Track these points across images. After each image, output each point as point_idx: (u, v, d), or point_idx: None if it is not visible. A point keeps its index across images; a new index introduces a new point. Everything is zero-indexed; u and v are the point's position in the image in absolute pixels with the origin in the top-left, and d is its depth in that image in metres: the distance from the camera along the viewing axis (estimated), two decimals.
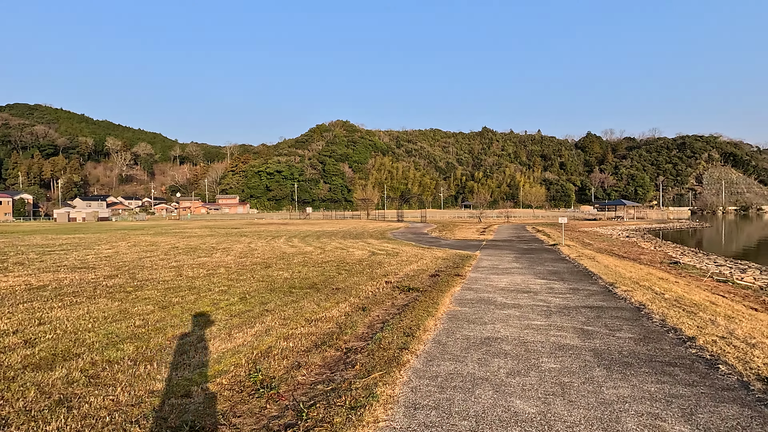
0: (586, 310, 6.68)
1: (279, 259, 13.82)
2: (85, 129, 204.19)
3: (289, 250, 17.43)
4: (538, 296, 7.85)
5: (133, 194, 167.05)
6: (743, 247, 32.41)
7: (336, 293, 8.06)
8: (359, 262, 12.94)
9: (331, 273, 10.67)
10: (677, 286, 9.02)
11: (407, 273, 10.65)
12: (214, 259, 14.18)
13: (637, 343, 5.00)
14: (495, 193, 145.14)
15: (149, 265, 12.35)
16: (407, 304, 7.07)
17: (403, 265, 12.39)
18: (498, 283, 9.29)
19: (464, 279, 9.67)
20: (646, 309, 6.66)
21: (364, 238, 24.56)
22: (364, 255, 15.26)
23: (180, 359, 4.50)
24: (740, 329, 5.46)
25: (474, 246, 19.27)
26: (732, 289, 10.57)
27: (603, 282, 9.26)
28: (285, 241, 22.44)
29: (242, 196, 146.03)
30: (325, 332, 5.46)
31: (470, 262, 13.03)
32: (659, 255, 19.64)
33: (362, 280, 9.52)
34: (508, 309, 6.80)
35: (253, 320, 6.02)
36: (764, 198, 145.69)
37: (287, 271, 11.07)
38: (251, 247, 18.84)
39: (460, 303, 7.20)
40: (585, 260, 13.05)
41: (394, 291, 8.25)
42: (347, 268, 11.55)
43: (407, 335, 5.17)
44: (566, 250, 16.17)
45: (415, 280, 9.62)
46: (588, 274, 10.43)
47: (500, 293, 8.10)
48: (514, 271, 11.16)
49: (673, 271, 13.70)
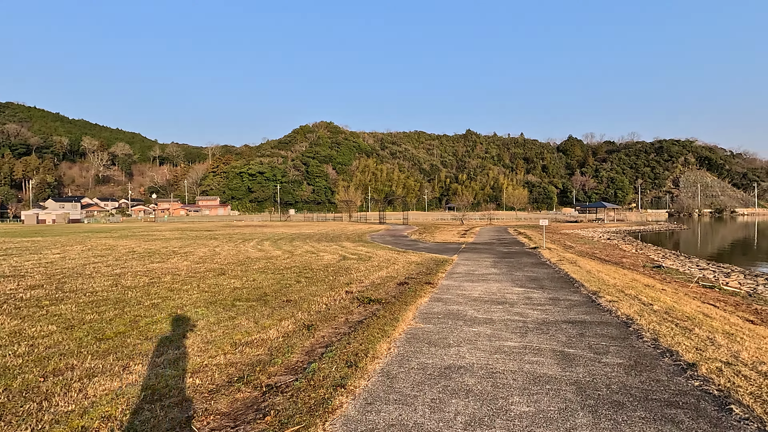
0: (567, 327, 5.80)
1: (239, 265, 12.66)
2: (60, 128, 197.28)
3: (255, 254, 16.25)
4: (515, 308, 6.95)
5: (110, 195, 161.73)
6: (721, 248, 32.62)
7: (284, 306, 7.00)
8: (325, 268, 11.89)
9: (289, 281, 9.60)
10: (665, 295, 8.27)
11: (374, 281, 9.66)
12: (168, 264, 12.93)
13: (628, 373, 4.11)
14: (479, 195, 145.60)
15: (89, 273, 11.05)
16: (363, 321, 6.07)
17: (372, 271, 11.39)
18: (471, 292, 8.37)
19: (435, 288, 8.73)
20: (634, 324, 5.82)
21: (340, 241, 23.49)
22: (333, 260, 14.22)
23: (37, 407, 3.40)
24: (745, 351, 4.64)
25: (453, 249, 18.42)
26: (720, 296, 9.94)
27: (585, 290, 8.45)
28: (255, 244, 21.20)
29: (223, 198, 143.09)
30: (250, 361, 4.41)
31: (445, 267, 12.12)
32: (641, 258, 19.14)
33: (321, 290, 8.48)
34: (478, 326, 5.87)
35: (166, 345, 4.93)
36: (737, 201, 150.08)
37: (241, 279, 9.95)
38: (215, 251, 17.58)
39: (424, 318, 6.24)
40: (566, 265, 12.29)
41: (353, 303, 7.25)
42: (309, 275, 10.49)
43: (350, 365, 4.17)
44: (547, 254, 15.43)
45: (381, 289, 8.63)
46: (569, 281, 9.62)
47: (472, 305, 7.17)
48: (490, 278, 10.29)
49: (657, 276, 13.07)
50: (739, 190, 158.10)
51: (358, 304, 7.17)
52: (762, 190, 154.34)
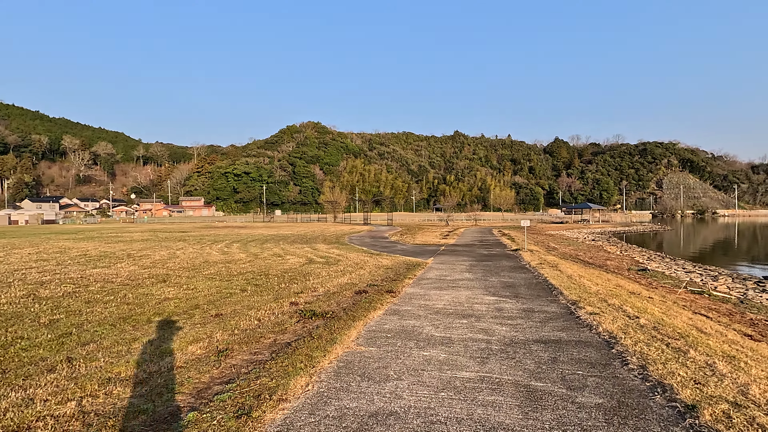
0: (538, 348, 4.81)
1: (189, 270, 11.46)
2: (39, 126, 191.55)
3: (217, 257, 15.03)
4: (480, 323, 5.95)
5: (91, 196, 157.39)
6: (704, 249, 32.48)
7: (208, 323, 5.88)
8: (282, 274, 10.77)
9: (233, 290, 8.46)
10: (652, 304, 7.38)
11: (330, 289, 8.58)
12: (110, 270, 11.65)
13: (610, 421, 3.11)
14: (466, 196, 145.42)
15: (11, 281, 9.75)
16: (293, 342, 4.99)
17: (333, 277, 10.31)
18: (436, 302, 7.36)
19: (396, 297, 7.69)
20: (618, 344, 4.86)
21: (315, 242, 22.34)
22: (297, 264, 13.10)
23: None
24: (755, 385, 3.70)
25: (430, 251, 17.44)
26: (711, 304, 9.13)
27: (564, 299, 7.50)
28: (223, 246, 19.93)
29: (208, 198, 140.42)
30: (103, 410, 3.30)
31: (416, 272, 11.11)
32: (626, 260, 18.42)
33: (263, 301, 7.37)
34: (432, 348, 4.84)
35: (13, 383, 3.77)
36: (718, 202, 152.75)
37: (181, 287, 8.78)
38: (176, 254, 16.30)
39: (370, 338, 5.19)
40: (546, 269, 11.38)
41: (292, 318, 6.17)
42: (260, 282, 9.36)
43: (241, 414, 3.09)
44: (528, 257, 14.54)
45: (333, 299, 7.56)
46: (548, 289, 8.68)
47: (433, 319, 6.15)
48: (462, 284, 9.29)
49: (642, 280, 12.26)
50: (720, 192, 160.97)
51: (298, 319, 6.09)
52: (741, 192, 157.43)
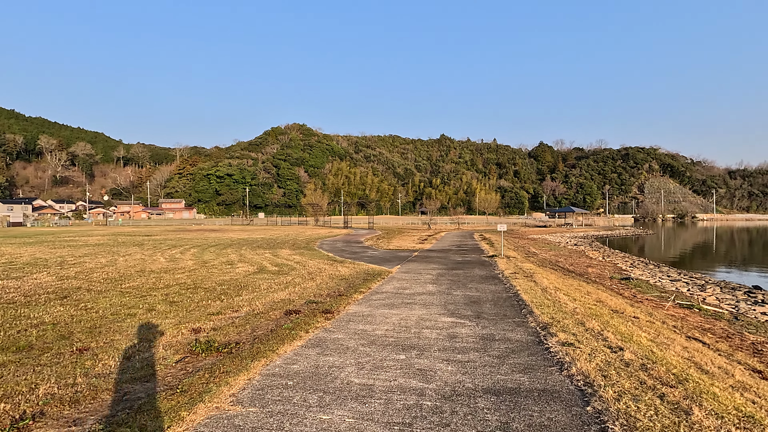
0: (485, 406, 3.46)
1: (110, 283, 9.86)
2: (14, 126, 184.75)
3: (159, 265, 13.40)
4: (422, 360, 4.58)
5: (68, 197, 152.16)
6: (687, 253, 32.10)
7: (52, 365, 4.38)
8: (216, 287, 9.27)
9: (139, 309, 6.94)
10: (638, 327, 6.14)
11: (256, 308, 7.12)
12: (14, 283, 9.98)
13: None
14: (452, 199, 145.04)
15: None
16: (146, 400, 3.54)
17: (273, 291, 8.86)
18: (379, 326, 5.98)
19: (332, 319, 6.28)
20: (596, 398, 3.54)
21: (281, 248, 20.80)
22: (243, 273, 11.59)
23: None
24: None
25: (401, 258, 16.09)
26: (703, 321, 8.00)
27: (534, 321, 6.20)
28: (176, 252, 18.24)
29: (189, 201, 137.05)
30: None
31: (373, 283, 9.72)
32: (608, 267, 17.37)
33: (162, 327, 5.87)
34: (339, 407, 3.45)
35: None
36: (698, 206, 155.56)
37: (77, 306, 7.21)
38: (115, 261, 14.60)
39: (259, 390, 3.77)
40: (520, 280, 10.12)
41: (179, 353, 4.71)
42: (179, 299, 7.85)
43: None
44: (503, 265, 13.29)
45: (250, 323, 6.11)
46: (517, 305, 7.39)
47: (362, 354, 4.77)
48: (420, 299, 7.94)
49: (626, 292, 11.11)
50: (699, 197, 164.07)
51: (185, 355, 4.63)
52: (719, 197, 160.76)
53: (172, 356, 4.62)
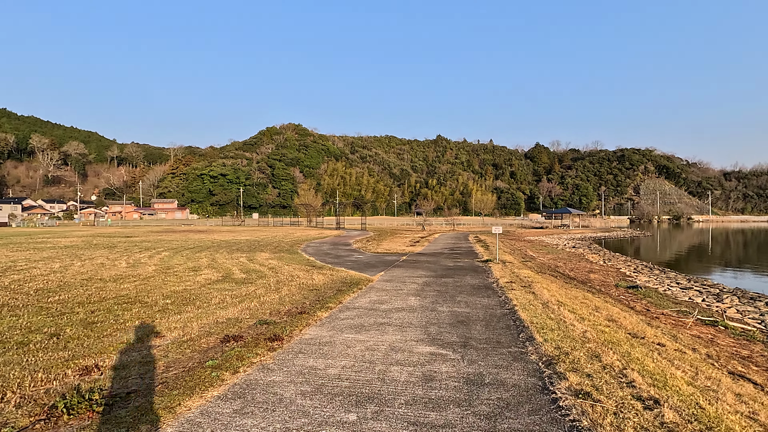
0: None
1: (40, 294, 8.43)
2: (6, 124, 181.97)
3: (117, 272, 11.97)
4: (380, 421, 3.22)
5: (60, 197, 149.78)
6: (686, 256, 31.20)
7: None
8: (158, 301, 7.86)
9: (34, 335, 5.53)
10: (668, 360, 4.83)
11: (188, 333, 5.72)
12: None
13: None
14: (448, 200, 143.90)
15: None
16: None
17: (225, 306, 7.47)
18: (336, 361, 4.61)
19: (275, 351, 4.90)
20: None
21: (261, 251, 19.39)
22: (203, 282, 10.19)
23: None
24: None
25: (387, 263, 14.73)
26: (737, 345, 6.73)
27: (536, 353, 4.86)
28: (145, 256, 16.79)
29: (182, 201, 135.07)
30: None
31: (346, 296, 8.35)
32: (611, 273, 16.09)
33: (42, 365, 4.48)
34: None
35: None
36: (693, 208, 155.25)
37: None
38: (70, 266, 13.15)
39: None
40: (517, 291, 8.79)
41: (27, 417, 3.32)
42: (101, 319, 6.44)
43: None
44: (498, 272, 11.95)
45: (169, 357, 4.72)
46: (514, 327, 6.05)
47: (297, 413, 3.40)
48: (396, 319, 6.58)
49: (637, 304, 9.81)
50: (695, 198, 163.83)
51: (31, 424, 3.23)
52: (715, 198, 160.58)
53: (18, 421, 3.22)
